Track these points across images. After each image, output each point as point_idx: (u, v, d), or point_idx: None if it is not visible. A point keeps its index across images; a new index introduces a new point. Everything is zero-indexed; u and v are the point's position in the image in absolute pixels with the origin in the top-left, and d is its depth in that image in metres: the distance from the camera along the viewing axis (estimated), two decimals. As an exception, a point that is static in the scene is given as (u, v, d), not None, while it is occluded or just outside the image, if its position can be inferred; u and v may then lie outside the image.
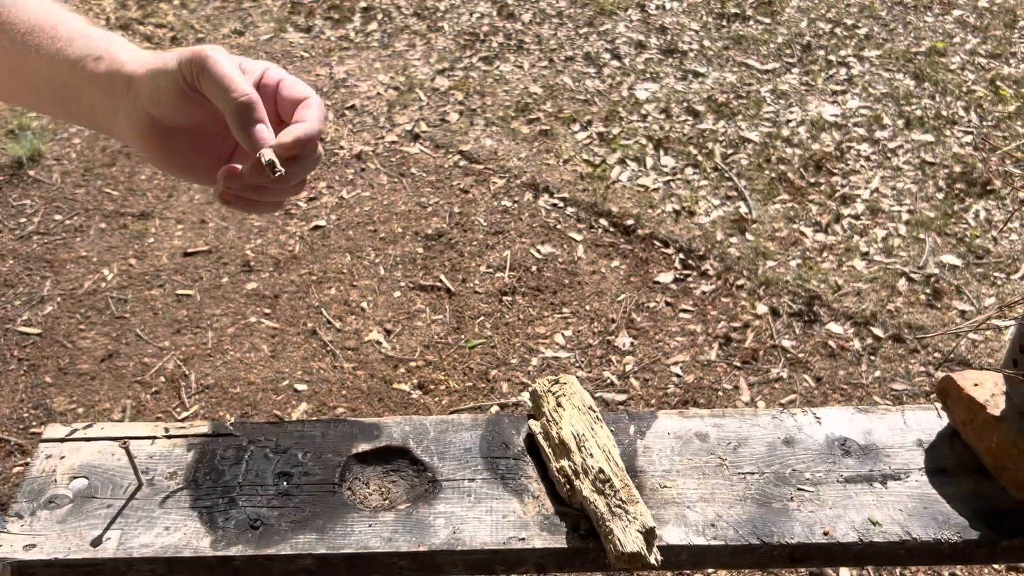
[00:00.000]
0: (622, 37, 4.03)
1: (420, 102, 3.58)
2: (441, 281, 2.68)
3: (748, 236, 2.82)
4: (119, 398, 2.31)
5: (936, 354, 2.40)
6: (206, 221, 2.96)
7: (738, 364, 2.39)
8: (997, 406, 0.82)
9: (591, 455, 0.80)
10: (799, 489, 0.82)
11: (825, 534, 0.78)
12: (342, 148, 3.31)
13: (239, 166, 0.62)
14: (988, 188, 2.98)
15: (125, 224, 2.96)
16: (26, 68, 0.67)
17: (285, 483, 0.82)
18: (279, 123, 0.65)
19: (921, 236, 2.80)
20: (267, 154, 0.60)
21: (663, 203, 2.97)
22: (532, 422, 0.88)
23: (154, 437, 0.87)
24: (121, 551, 0.76)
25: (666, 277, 2.67)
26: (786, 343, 2.44)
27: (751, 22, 4.14)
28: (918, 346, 2.42)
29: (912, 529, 0.79)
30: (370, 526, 0.78)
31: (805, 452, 0.86)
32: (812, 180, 3.07)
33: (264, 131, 0.61)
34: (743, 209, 2.93)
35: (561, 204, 2.99)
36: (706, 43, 3.96)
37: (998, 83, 3.56)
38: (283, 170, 0.60)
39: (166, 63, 0.61)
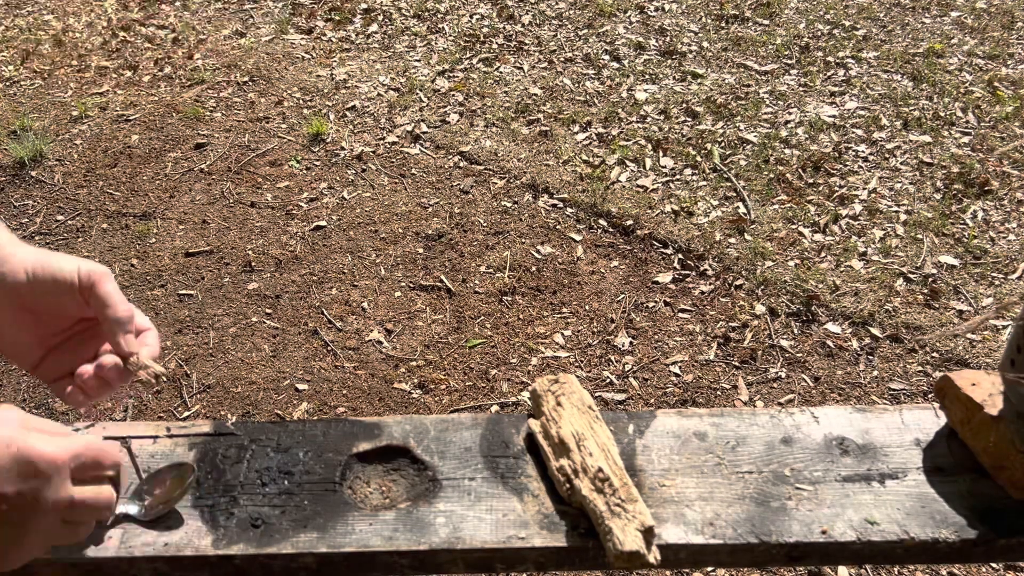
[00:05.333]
0: (621, 39, 4.04)
1: (420, 103, 3.59)
2: (441, 281, 2.69)
3: (747, 236, 2.82)
4: (121, 397, 2.31)
5: (934, 354, 2.40)
6: (208, 221, 2.96)
7: (737, 364, 2.40)
8: (995, 406, 0.82)
9: (590, 454, 0.81)
10: (797, 488, 0.83)
11: (823, 533, 0.79)
12: (343, 149, 3.32)
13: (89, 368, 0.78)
14: (986, 188, 2.99)
15: (127, 224, 2.97)
16: None
17: (286, 482, 0.83)
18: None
19: (919, 236, 2.81)
20: (157, 368, 0.79)
21: (662, 204, 2.98)
22: (532, 421, 0.88)
23: (156, 436, 0.88)
24: (123, 550, 0.77)
25: (665, 277, 2.68)
26: (784, 343, 2.45)
27: (750, 24, 4.14)
28: (916, 346, 2.43)
29: (910, 528, 0.79)
30: (371, 525, 0.79)
31: (803, 451, 0.87)
32: (810, 181, 3.07)
33: (133, 340, 0.79)
34: (741, 210, 2.94)
35: (561, 205, 3.00)
36: (705, 44, 3.97)
37: (996, 84, 3.56)
38: (166, 376, 0.80)
39: (60, 264, 0.75)
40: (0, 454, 0.61)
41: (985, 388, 0.84)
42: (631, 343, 2.47)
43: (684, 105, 3.52)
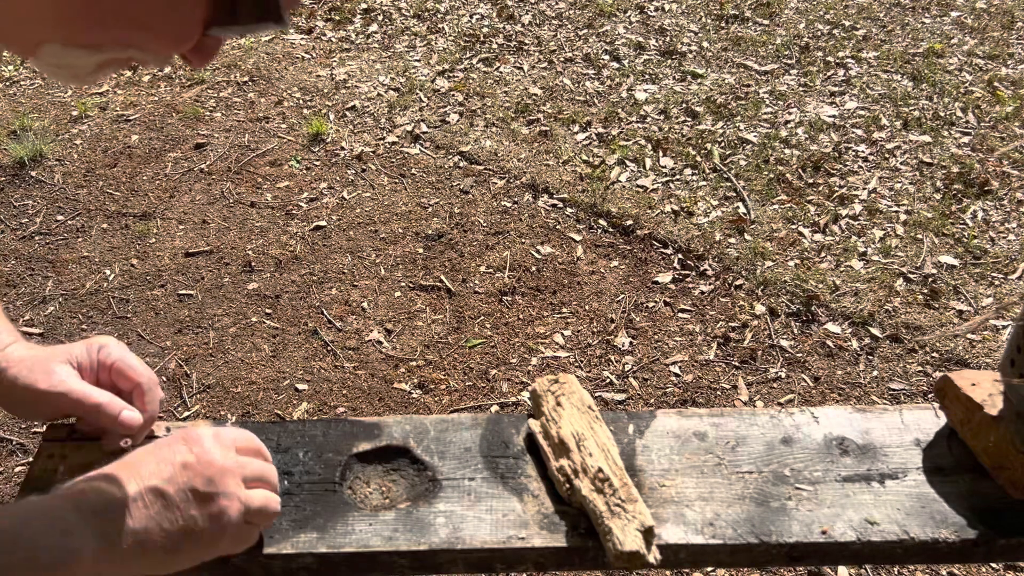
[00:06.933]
0: (621, 39, 4.04)
1: (420, 103, 3.59)
2: (441, 281, 2.69)
3: (746, 236, 2.82)
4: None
5: (934, 354, 2.40)
6: (208, 221, 2.96)
7: (736, 364, 2.40)
8: (995, 406, 0.82)
9: (590, 454, 0.81)
10: (797, 488, 0.83)
11: (823, 533, 0.79)
12: (343, 149, 3.32)
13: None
14: (986, 188, 2.99)
15: (127, 224, 2.97)
16: None
17: (286, 482, 0.83)
18: (112, 388, 0.82)
19: (919, 236, 2.81)
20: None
21: (662, 204, 2.98)
22: (532, 421, 0.88)
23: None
24: (124, 549, 0.76)
25: (665, 277, 2.68)
26: (784, 343, 2.45)
27: (750, 23, 4.14)
28: (916, 346, 2.43)
29: (910, 528, 0.79)
30: (371, 525, 0.79)
31: (803, 451, 0.87)
32: (810, 181, 3.07)
33: (128, 416, 0.79)
34: (741, 210, 2.94)
35: (560, 205, 3.00)
36: (705, 44, 3.97)
37: (995, 84, 3.56)
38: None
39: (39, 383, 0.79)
40: (180, 477, 0.67)
41: (985, 388, 0.85)
42: (631, 343, 2.47)
43: (684, 105, 3.52)
